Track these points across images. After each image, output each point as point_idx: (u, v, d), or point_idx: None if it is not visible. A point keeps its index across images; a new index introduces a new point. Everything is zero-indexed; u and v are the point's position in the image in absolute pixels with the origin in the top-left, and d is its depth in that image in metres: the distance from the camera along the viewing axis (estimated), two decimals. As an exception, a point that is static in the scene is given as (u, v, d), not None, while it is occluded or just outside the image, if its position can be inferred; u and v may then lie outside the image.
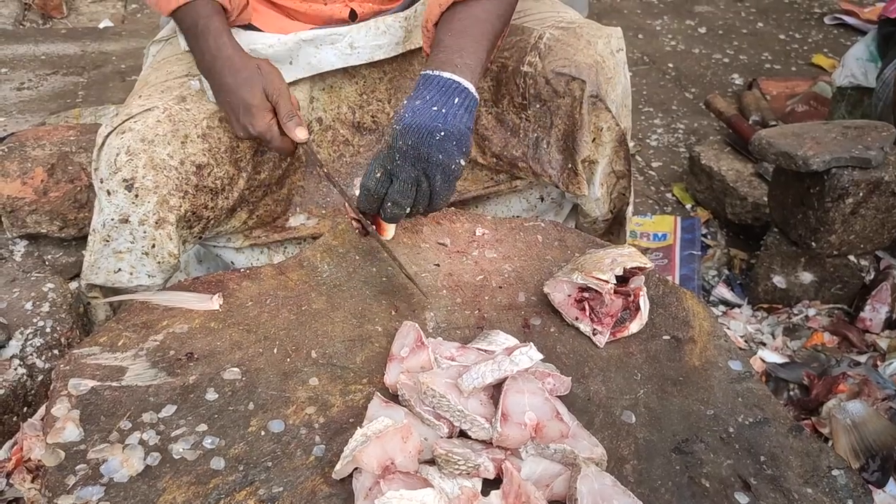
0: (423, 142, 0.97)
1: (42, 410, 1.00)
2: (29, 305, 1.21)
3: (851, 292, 1.69)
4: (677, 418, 0.88)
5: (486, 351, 0.90)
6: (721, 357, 0.99)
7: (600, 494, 0.75)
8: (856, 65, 2.14)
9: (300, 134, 1.09)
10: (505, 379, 0.82)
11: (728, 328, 1.69)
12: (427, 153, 0.97)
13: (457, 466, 0.75)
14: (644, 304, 1.01)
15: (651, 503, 0.76)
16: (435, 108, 0.98)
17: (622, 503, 0.75)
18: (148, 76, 1.29)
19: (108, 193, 1.13)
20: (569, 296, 1.00)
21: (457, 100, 0.99)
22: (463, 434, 0.82)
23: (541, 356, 0.84)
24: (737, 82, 3.07)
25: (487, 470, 0.76)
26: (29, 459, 1.08)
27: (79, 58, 3.02)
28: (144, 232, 1.13)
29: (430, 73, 1.02)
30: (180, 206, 1.15)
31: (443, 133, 0.97)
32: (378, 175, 1.00)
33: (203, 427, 0.82)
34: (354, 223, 1.06)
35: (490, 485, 0.76)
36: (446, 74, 1.01)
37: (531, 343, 0.84)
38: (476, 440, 0.80)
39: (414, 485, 0.73)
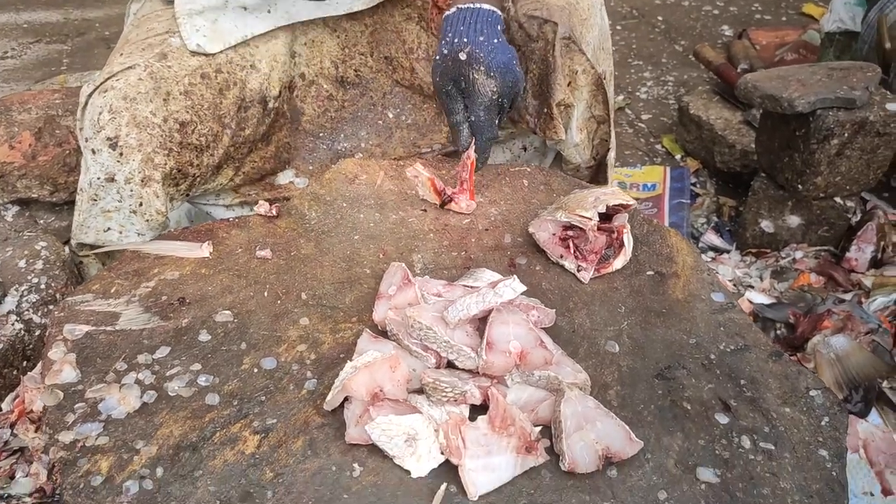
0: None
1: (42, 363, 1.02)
2: (22, 263, 1.23)
3: (838, 234, 1.71)
4: (660, 347, 0.91)
5: (471, 287, 0.92)
6: (704, 290, 1.01)
7: (584, 416, 0.77)
8: (844, 9, 2.13)
9: None
10: (490, 311, 0.84)
11: (717, 273, 1.71)
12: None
13: (444, 394, 0.77)
14: (628, 240, 1.02)
15: (634, 424, 0.79)
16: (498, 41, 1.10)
17: (605, 424, 0.77)
18: (128, 34, 1.28)
19: (93, 152, 1.13)
20: (553, 234, 1.02)
21: (499, 27, 1.11)
22: (450, 365, 0.84)
23: (524, 287, 0.85)
24: (727, 34, 3.05)
25: (474, 396, 0.78)
26: (31, 411, 1.10)
27: (62, 25, 2.99)
28: (131, 190, 1.14)
29: (475, 6, 1.09)
30: (165, 164, 1.15)
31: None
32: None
33: (197, 366, 0.84)
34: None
35: (477, 412, 0.79)
36: (487, 7, 1.09)
37: (514, 276, 0.86)
38: (463, 370, 0.82)
39: (402, 411, 0.76)
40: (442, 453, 0.75)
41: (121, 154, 1.12)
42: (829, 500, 0.75)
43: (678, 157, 2.27)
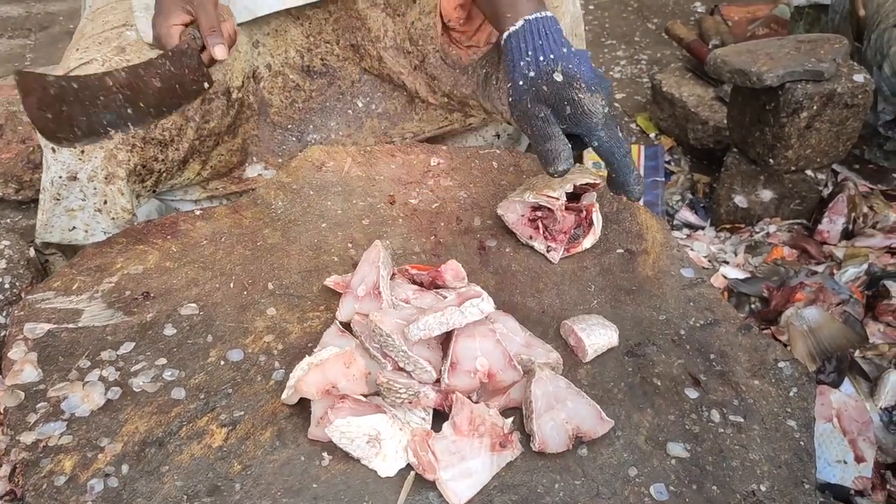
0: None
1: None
2: (-15, 263, 1.20)
3: (810, 206, 1.71)
4: (630, 325, 0.91)
5: (443, 296, 0.87)
6: (674, 266, 1.01)
7: (554, 396, 0.77)
8: (812, -18, 2.13)
9: (218, 52, 1.00)
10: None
11: (692, 249, 1.71)
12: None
13: (398, 395, 0.75)
14: (597, 219, 1.02)
15: (604, 402, 0.79)
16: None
17: (575, 403, 0.77)
18: (84, 28, 1.26)
19: (53, 150, 1.11)
20: (522, 216, 1.01)
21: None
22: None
23: (492, 308, 0.80)
24: (699, 10, 3.04)
25: (427, 398, 0.76)
26: (-1, 413, 1.08)
27: (24, 19, 2.92)
28: (95, 188, 1.12)
29: (542, 15, 0.96)
30: (129, 160, 1.13)
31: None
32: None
33: (162, 361, 0.83)
34: None
35: (442, 418, 0.76)
36: (550, 13, 0.96)
37: (484, 294, 0.80)
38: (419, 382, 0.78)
39: (363, 412, 0.74)
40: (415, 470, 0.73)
41: (82, 151, 1.10)
42: (797, 470, 0.75)
43: (652, 135, 2.27)
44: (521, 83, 0.93)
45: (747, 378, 0.85)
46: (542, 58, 0.92)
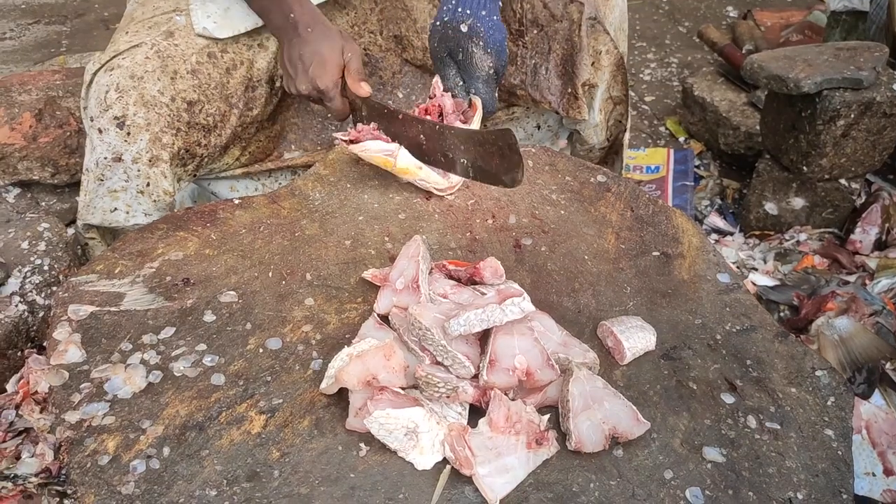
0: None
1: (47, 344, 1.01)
2: (25, 245, 1.22)
3: (842, 216, 1.70)
4: (666, 328, 0.91)
5: (480, 292, 0.87)
6: (710, 271, 1.00)
7: (591, 396, 0.77)
8: (851, -12, 2.10)
9: (365, 87, 1.12)
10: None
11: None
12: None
13: (437, 389, 0.75)
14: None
15: (640, 404, 0.79)
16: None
17: (612, 404, 0.77)
18: (133, 12, 1.27)
19: (100, 132, 1.13)
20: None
21: (499, 3, 1.12)
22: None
23: (532, 308, 0.80)
24: (731, 14, 3.02)
25: (466, 392, 0.76)
26: (36, 392, 1.10)
27: (60, 6, 2.96)
28: (138, 170, 1.14)
29: None
30: (173, 144, 1.15)
31: None
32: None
33: (202, 346, 0.84)
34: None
35: (478, 414, 0.77)
36: None
37: (525, 293, 0.80)
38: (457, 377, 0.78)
39: (401, 404, 0.74)
40: (451, 465, 0.73)
41: (128, 133, 1.11)
42: (834, 479, 0.75)
43: (682, 139, 2.26)
44: (436, 24, 1.08)
45: (784, 385, 0.84)
46: (460, 9, 1.07)
